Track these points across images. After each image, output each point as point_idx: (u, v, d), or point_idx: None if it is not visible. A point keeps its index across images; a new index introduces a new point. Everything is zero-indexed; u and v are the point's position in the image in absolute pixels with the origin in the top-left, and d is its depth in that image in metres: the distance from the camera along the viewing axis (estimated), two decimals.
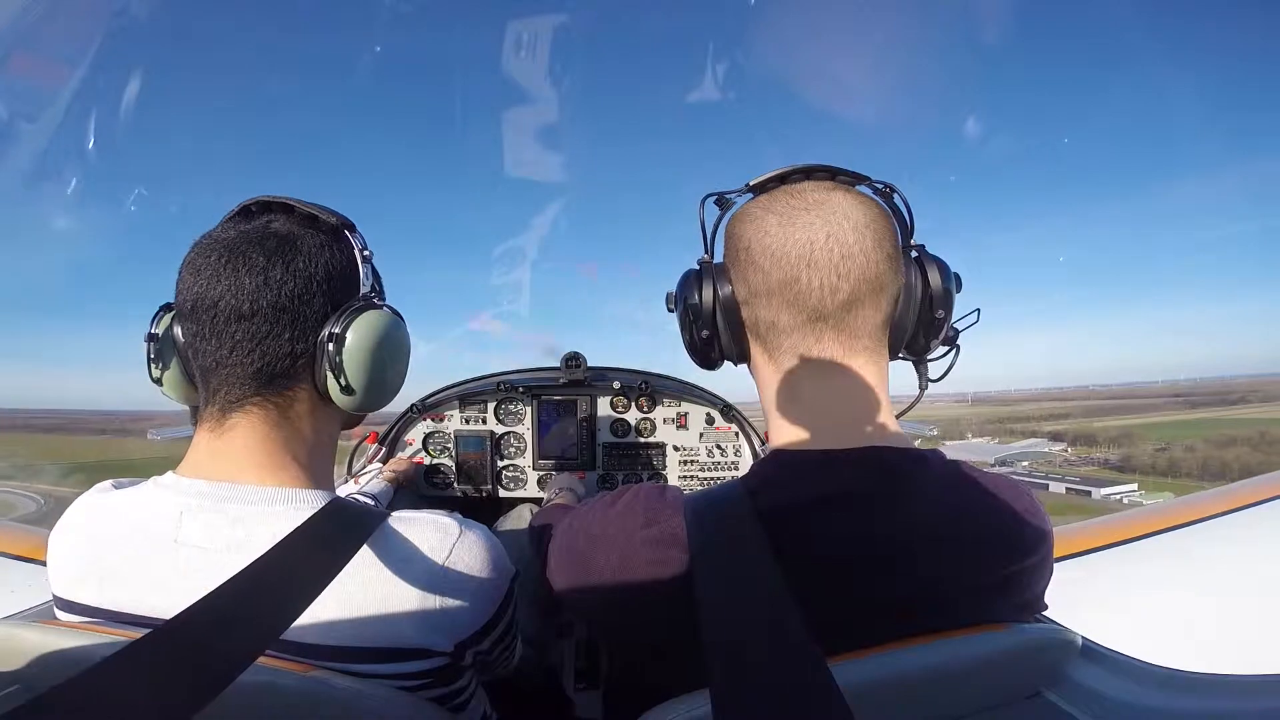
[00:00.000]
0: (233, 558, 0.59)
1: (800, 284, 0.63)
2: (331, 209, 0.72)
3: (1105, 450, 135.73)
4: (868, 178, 0.70)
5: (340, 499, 0.66)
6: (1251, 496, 1.42)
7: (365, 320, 0.68)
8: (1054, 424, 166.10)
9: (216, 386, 0.65)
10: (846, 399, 0.65)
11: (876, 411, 0.65)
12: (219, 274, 0.63)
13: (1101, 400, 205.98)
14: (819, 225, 0.64)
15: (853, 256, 0.63)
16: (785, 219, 0.65)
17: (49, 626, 0.58)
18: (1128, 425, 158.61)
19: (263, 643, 0.47)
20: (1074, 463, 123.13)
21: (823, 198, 0.66)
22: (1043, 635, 0.58)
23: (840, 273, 0.63)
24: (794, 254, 0.63)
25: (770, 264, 0.64)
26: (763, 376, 0.70)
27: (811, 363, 0.65)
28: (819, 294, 0.63)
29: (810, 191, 0.67)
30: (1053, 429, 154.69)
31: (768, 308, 0.66)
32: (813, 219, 0.64)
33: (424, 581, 0.62)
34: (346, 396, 0.68)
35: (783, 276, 0.64)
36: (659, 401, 1.97)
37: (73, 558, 0.64)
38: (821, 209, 0.65)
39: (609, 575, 0.63)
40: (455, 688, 0.68)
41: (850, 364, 0.65)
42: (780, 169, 0.70)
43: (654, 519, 0.63)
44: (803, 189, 0.67)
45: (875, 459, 0.62)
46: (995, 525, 0.62)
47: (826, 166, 0.69)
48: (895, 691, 0.52)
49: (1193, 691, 0.57)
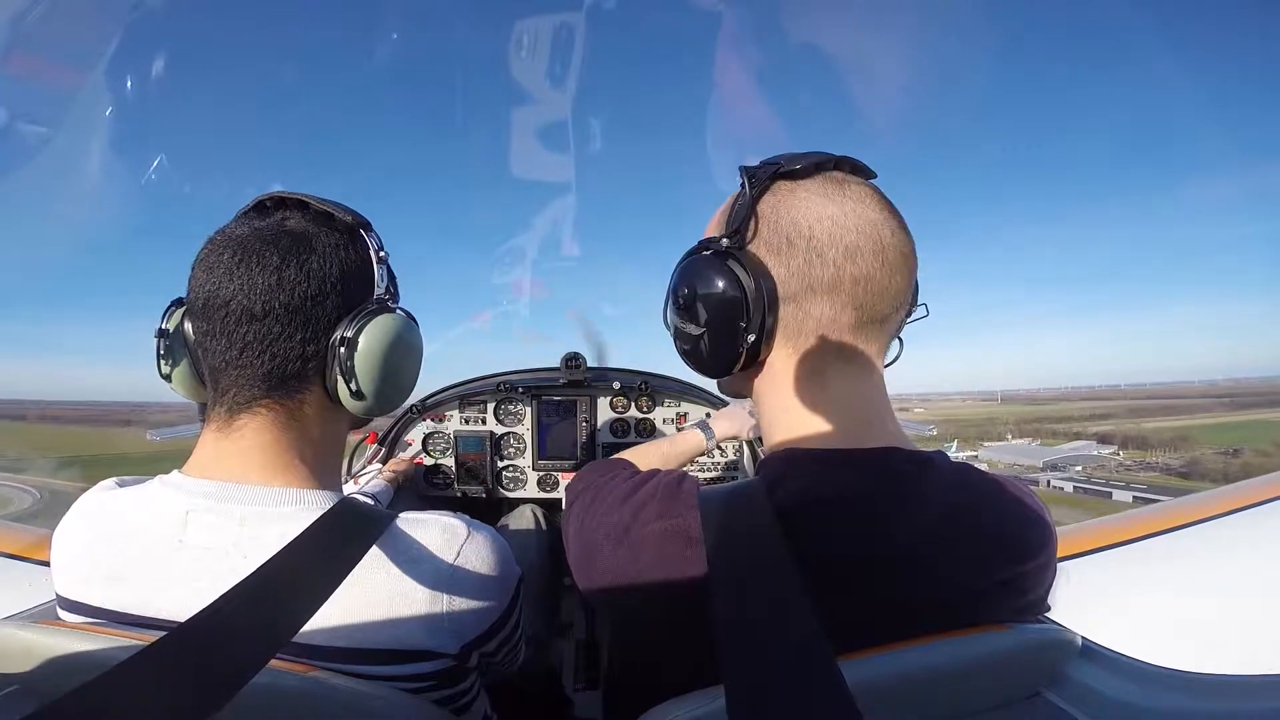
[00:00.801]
0: (239, 559, 0.59)
1: (874, 281, 0.60)
2: (347, 206, 0.71)
3: (1161, 454, 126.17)
4: (875, 174, 0.68)
5: (348, 499, 0.66)
6: (1251, 497, 1.42)
7: (379, 324, 0.67)
8: (1097, 425, 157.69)
9: (225, 387, 0.65)
10: (868, 399, 0.64)
11: (888, 412, 0.65)
12: (232, 272, 0.63)
13: (1141, 400, 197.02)
14: (882, 220, 0.61)
15: (908, 257, 0.62)
16: (848, 209, 0.60)
17: (50, 627, 0.58)
18: (1180, 427, 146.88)
19: (272, 648, 0.47)
20: (1130, 468, 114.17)
21: (869, 192, 0.63)
22: (1043, 635, 0.58)
23: (905, 271, 0.62)
24: (869, 247, 0.59)
25: (843, 256, 0.59)
26: (779, 379, 0.65)
27: (851, 365, 0.63)
28: (882, 295, 0.61)
29: (853, 184, 0.63)
30: (1098, 430, 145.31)
31: (830, 305, 0.61)
32: (873, 213, 0.61)
33: (431, 583, 0.62)
34: (357, 401, 0.68)
35: (857, 271, 0.59)
36: (659, 402, 1.97)
37: (77, 557, 0.64)
38: (872, 204, 0.62)
39: (618, 566, 0.63)
40: (459, 689, 0.68)
41: (876, 364, 0.64)
42: (813, 154, 0.64)
43: (668, 512, 0.62)
44: (847, 181, 0.64)
45: (887, 459, 0.61)
46: (1001, 527, 0.62)
47: (852, 160, 0.66)
48: (895, 691, 0.52)
49: (1193, 691, 0.57)
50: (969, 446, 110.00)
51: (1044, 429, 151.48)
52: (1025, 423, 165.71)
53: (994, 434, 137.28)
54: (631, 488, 0.67)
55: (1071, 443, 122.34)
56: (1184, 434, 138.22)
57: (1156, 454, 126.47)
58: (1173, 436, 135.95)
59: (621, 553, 0.63)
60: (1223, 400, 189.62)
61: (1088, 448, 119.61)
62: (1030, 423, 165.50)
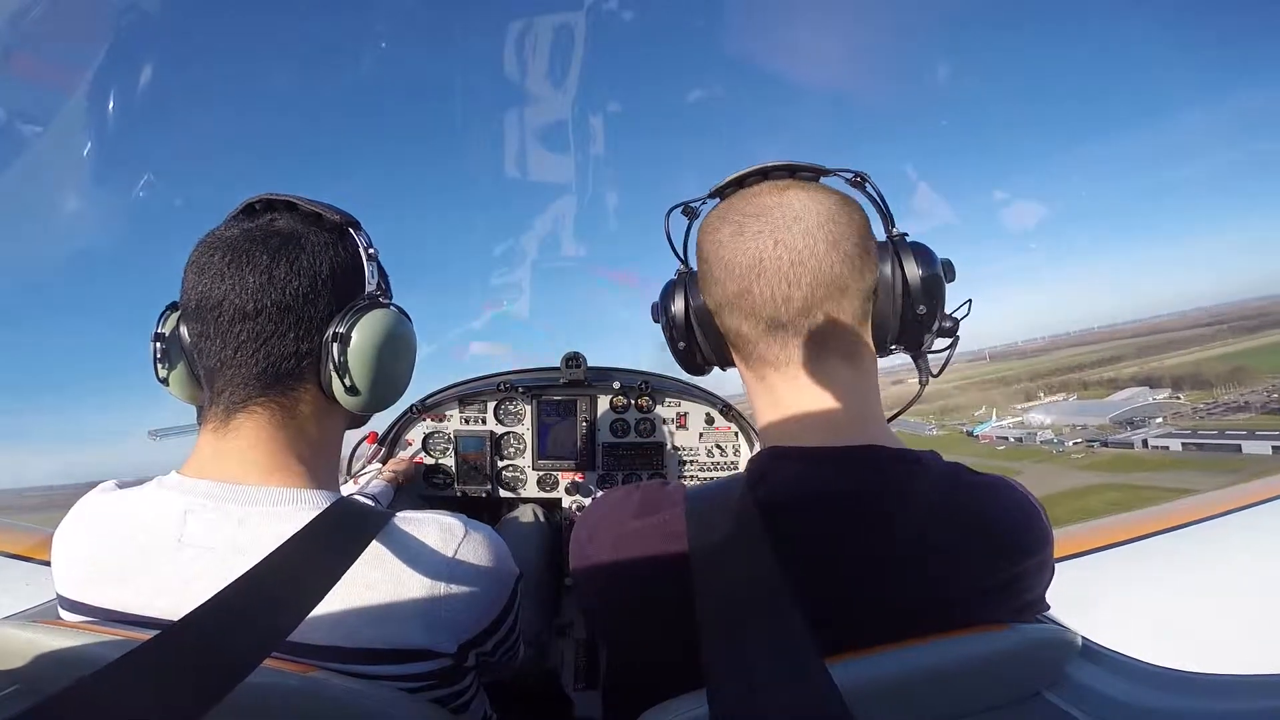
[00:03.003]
0: (237, 558, 0.59)
1: (753, 295, 0.63)
2: (336, 207, 0.71)
3: (1229, 391, 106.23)
4: (833, 171, 0.69)
5: (345, 499, 0.66)
6: (1251, 496, 1.42)
7: (371, 319, 0.67)
8: (1113, 368, 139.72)
9: (221, 387, 0.65)
10: (824, 401, 0.65)
11: (860, 412, 0.65)
12: (222, 273, 0.63)
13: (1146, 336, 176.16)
14: (767, 234, 0.63)
15: (803, 262, 0.62)
16: (736, 229, 0.65)
17: (49, 626, 0.58)
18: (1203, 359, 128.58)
19: (269, 646, 0.47)
20: (1214, 410, 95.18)
21: (775, 201, 0.65)
22: (1043, 635, 0.58)
23: (790, 280, 0.62)
24: (743, 265, 0.63)
25: (725, 276, 0.65)
26: (745, 380, 0.72)
27: (783, 368, 0.66)
28: (772, 304, 0.63)
29: (765, 195, 0.66)
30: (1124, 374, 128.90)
31: (731, 318, 0.67)
32: (761, 227, 0.64)
33: (428, 583, 0.62)
34: (352, 397, 0.68)
35: (736, 289, 0.64)
36: (659, 401, 1.97)
37: (77, 558, 0.64)
38: (770, 215, 0.64)
39: (605, 566, 0.64)
40: (458, 689, 0.68)
41: (822, 367, 0.65)
42: (738, 172, 0.70)
43: (651, 510, 0.63)
44: (757, 192, 0.67)
45: (867, 458, 0.61)
46: (995, 526, 0.62)
47: (786, 165, 0.68)
48: (895, 691, 0.52)
49: (1193, 691, 0.57)
50: (1008, 413, 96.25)
51: (1066, 382, 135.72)
52: (1038, 377, 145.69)
53: (1024, 394, 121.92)
54: (623, 492, 0.70)
55: (1120, 393, 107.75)
56: (1238, 365, 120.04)
57: (1221, 391, 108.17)
58: (1226, 370, 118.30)
59: (608, 551, 0.64)
60: (1222, 328, 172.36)
61: (1141, 395, 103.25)
62: (1042, 377, 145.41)
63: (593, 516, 0.70)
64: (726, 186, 0.70)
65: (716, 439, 1.96)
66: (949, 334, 0.70)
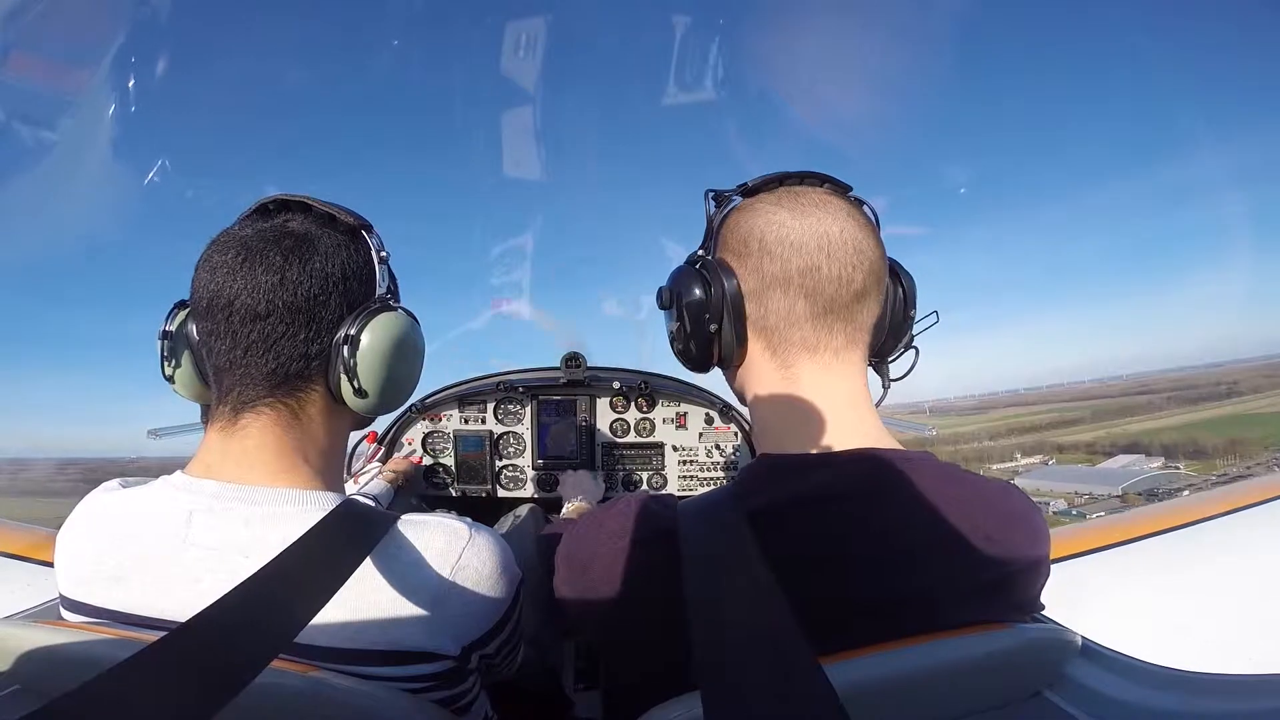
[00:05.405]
0: (243, 560, 0.59)
1: (820, 272, 0.64)
2: (349, 209, 0.71)
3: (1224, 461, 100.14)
4: (851, 187, 0.72)
5: (350, 500, 0.66)
6: (1251, 497, 1.42)
7: (381, 323, 0.67)
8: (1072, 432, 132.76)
9: (229, 386, 0.65)
10: (846, 396, 0.67)
11: (869, 411, 0.68)
12: (235, 272, 0.63)
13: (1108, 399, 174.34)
14: (830, 219, 0.66)
15: (864, 250, 0.65)
16: (797, 212, 0.67)
17: (51, 626, 0.58)
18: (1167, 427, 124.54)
19: (275, 648, 0.47)
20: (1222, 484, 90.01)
21: (824, 199, 0.68)
22: (1043, 635, 0.58)
23: (854, 264, 0.65)
24: (812, 243, 0.65)
25: (789, 252, 0.65)
26: (758, 373, 0.70)
27: (818, 354, 0.66)
28: (835, 283, 0.65)
29: (812, 192, 0.69)
30: (1067, 439, 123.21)
31: (784, 297, 0.66)
32: (824, 214, 0.67)
33: (433, 585, 0.62)
34: (360, 399, 0.68)
35: (802, 264, 0.65)
36: (658, 402, 1.97)
37: (80, 558, 0.64)
38: (828, 206, 0.67)
39: (604, 581, 0.63)
40: (459, 690, 0.68)
41: (851, 359, 0.67)
42: (777, 173, 0.72)
43: (646, 523, 0.64)
44: (804, 190, 0.70)
45: (868, 460, 0.62)
46: (991, 526, 0.62)
47: (818, 174, 0.71)
48: (895, 691, 0.52)
49: (1193, 691, 0.57)
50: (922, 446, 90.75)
51: (1040, 443, 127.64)
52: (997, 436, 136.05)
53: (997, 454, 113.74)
54: (607, 507, 0.70)
55: (1112, 460, 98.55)
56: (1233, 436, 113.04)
57: (1219, 461, 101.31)
58: (1221, 441, 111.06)
59: (606, 566, 0.63)
60: (1171, 397, 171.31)
61: (1137, 464, 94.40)
62: (1001, 436, 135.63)
63: (589, 532, 0.68)
64: (767, 182, 0.71)
65: (716, 439, 1.96)
66: (909, 345, 0.79)
